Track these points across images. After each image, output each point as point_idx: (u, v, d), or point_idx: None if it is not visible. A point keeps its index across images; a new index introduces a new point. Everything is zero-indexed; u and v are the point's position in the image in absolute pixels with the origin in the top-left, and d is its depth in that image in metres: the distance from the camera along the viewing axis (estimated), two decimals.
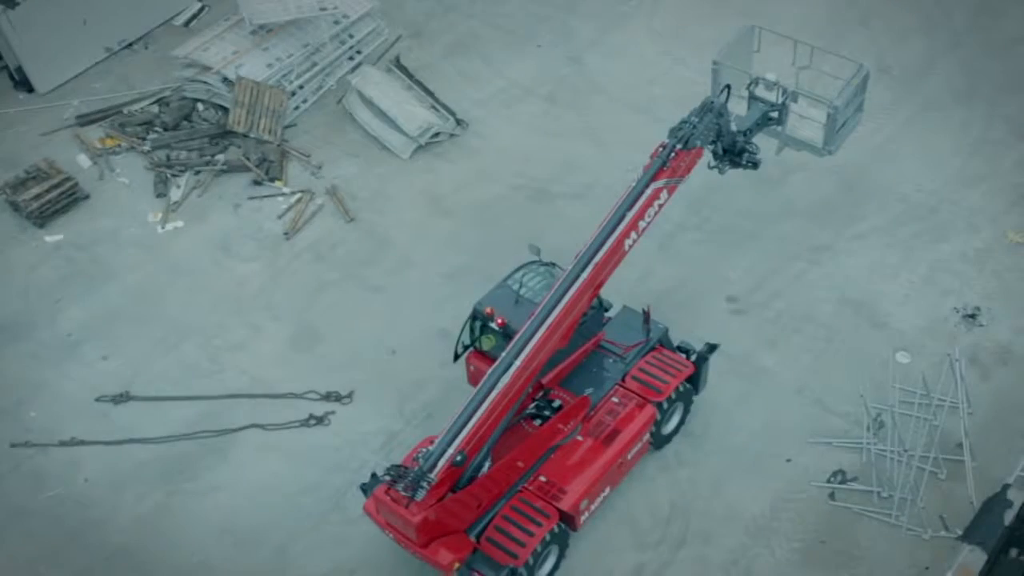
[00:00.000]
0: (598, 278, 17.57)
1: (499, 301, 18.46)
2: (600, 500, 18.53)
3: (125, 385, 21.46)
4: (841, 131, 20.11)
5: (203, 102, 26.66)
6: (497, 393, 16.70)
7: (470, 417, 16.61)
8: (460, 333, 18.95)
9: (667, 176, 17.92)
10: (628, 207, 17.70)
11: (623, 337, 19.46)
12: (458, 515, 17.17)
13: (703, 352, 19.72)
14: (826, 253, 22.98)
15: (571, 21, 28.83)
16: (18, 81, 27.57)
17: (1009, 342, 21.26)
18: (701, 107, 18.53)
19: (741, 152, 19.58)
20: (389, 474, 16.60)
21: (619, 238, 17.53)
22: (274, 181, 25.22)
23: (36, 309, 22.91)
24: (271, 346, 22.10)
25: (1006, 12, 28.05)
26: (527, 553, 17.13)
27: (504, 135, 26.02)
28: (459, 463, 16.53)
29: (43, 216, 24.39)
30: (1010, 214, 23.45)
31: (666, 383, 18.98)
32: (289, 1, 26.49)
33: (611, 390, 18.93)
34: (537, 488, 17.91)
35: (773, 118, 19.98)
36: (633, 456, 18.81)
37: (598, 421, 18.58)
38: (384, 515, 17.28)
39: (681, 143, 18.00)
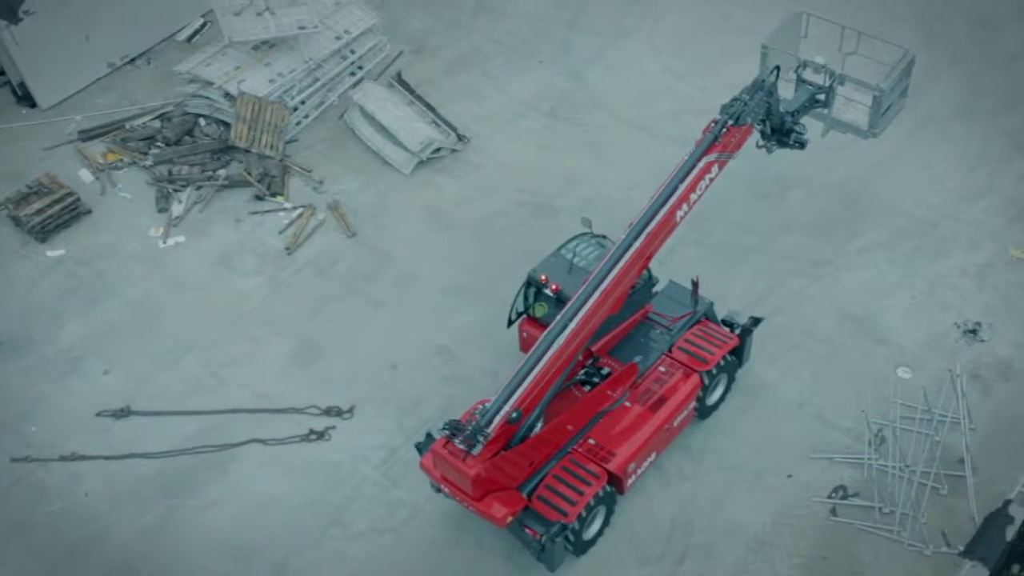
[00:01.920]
0: (649, 248, 18.28)
1: (553, 269, 19.16)
2: (647, 464, 19.17)
3: (126, 400, 21.46)
4: (886, 114, 20.62)
5: (205, 117, 26.73)
6: (551, 354, 17.36)
7: (525, 376, 17.25)
8: (514, 300, 19.60)
9: (718, 151, 18.68)
10: (680, 180, 18.42)
11: (670, 310, 20.16)
12: (511, 472, 17.75)
13: (748, 325, 20.30)
14: (827, 268, 22.99)
15: (572, 37, 28.92)
16: (21, 96, 27.65)
17: (1010, 357, 21.24)
18: (752, 85, 19.24)
19: (789, 132, 20.38)
20: (448, 429, 17.28)
21: (671, 210, 18.28)
22: (275, 196, 25.27)
23: (37, 324, 22.94)
24: (272, 361, 22.11)
25: (1006, 27, 28.12)
26: (576, 511, 17.79)
27: (505, 150, 26.08)
28: (514, 420, 17.18)
29: (45, 231, 24.44)
30: (1011, 229, 23.47)
31: (712, 354, 19.59)
32: (269, 19, 26.63)
33: (658, 360, 19.59)
34: (587, 450, 18.54)
35: (820, 100, 20.54)
36: (679, 423, 19.43)
37: (645, 389, 19.23)
38: (440, 469, 17.86)
39: (733, 119, 18.77)
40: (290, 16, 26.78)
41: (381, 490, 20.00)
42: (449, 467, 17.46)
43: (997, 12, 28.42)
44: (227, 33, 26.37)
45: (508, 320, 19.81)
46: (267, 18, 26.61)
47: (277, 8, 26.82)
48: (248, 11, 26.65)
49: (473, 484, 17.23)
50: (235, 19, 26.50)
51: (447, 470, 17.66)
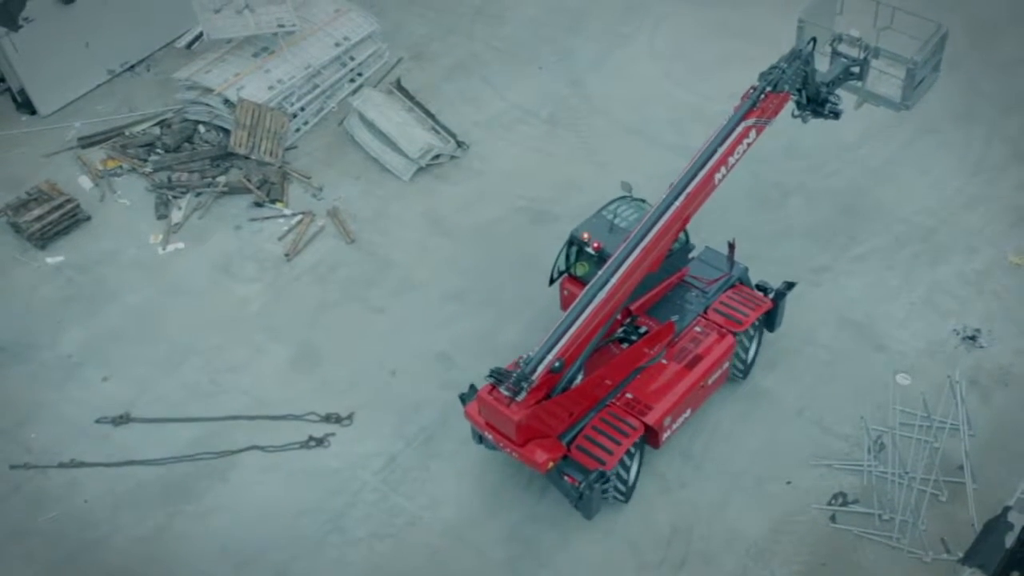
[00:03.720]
0: (688, 209, 18.85)
1: (594, 228, 19.91)
2: (681, 420, 19.77)
3: (126, 406, 21.46)
4: (919, 88, 21.00)
5: (205, 124, 26.76)
6: (592, 308, 18.04)
7: (568, 328, 17.91)
8: (556, 259, 20.32)
9: (756, 116, 19.27)
10: (720, 143, 19.02)
11: (706, 273, 20.90)
12: (552, 421, 18.45)
13: (781, 289, 20.85)
14: (826, 275, 23.00)
15: (572, 43, 28.95)
16: (21, 103, 27.67)
17: (1010, 364, 21.25)
18: (790, 54, 19.77)
19: (824, 102, 20.83)
20: (493, 376, 17.95)
21: (710, 171, 18.86)
22: (275, 203, 25.29)
23: (37, 330, 22.94)
24: (272, 367, 22.11)
25: (1005, 34, 28.15)
26: (614, 460, 18.46)
27: (505, 157, 26.09)
28: (557, 369, 17.82)
29: (44, 238, 24.45)
30: (1010, 236, 23.49)
31: (746, 316, 20.21)
32: (248, 17, 26.69)
33: (694, 320, 20.22)
34: (624, 404, 19.20)
35: (854, 73, 20.93)
36: (713, 382, 20.07)
37: (681, 348, 19.85)
38: (485, 415, 18.60)
39: (771, 86, 19.37)
40: (269, 14, 26.91)
41: (380, 496, 19.99)
42: (494, 413, 18.16)
43: (996, 18, 28.46)
44: (206, 30, 26.49)
45: (550, 279, 20.57)
46: (247, 16, 26.71)
47: (257, 6, 26.89)
48: (228, 8, 26.75)
49: (517, 429, 17.93)
50: (215, 16, 26.63)
51: (492, 416, 18.36)
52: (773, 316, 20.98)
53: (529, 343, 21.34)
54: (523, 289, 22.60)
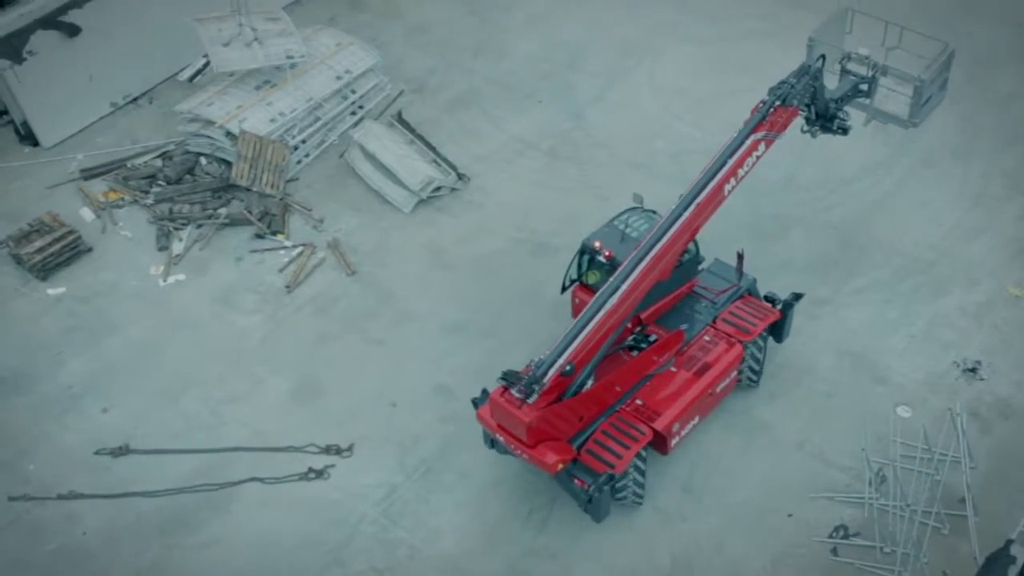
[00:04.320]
0: (698, 218, 19.17)
1: (606, 237, 20.32)
2: (690, 427, 20.07)
3: (125, 438, 21.41)
4: (926, 106, 21.28)
5: (206, 156, 26.88)
6: (603, 314, 18.36)
7: (579, 333, 18.26)
8: (568, 267, 20.75)
9: (765, 129, 19.59)
10: (729, 155, 19.32)
11: (715, 284, 21.36)
12: (563, 424, 18.76)
13: (789, 300, 21.25)
14: (826, 307, 23.04)
15: (572, 77, 29.14)
16: (23, 135, 27.79)
17: (1010, 396, 21.24)
18: (799, 70, 20.09)
19: (832, 118, 21.14)
20: (505, 378, 18.30)
21: (719, 183, 19.16)
22: (276, 234, 25.35)
23: (37, 361, 22.92)
24: (272, 399, 22.09)
25: (1002, 67, 28.36)
26: (623, 464, 18.75)
27: (505, 189, 26.19)
28: (567, 373, 18.19)
29: (46, 269, 24.49)
30: (1009, 268, 23.55)
31: (754, 325, 20.61)
32: (257, 50, 26.86)
33: (703, 330, 20.63)
34: (634, 410, 19.56)
35: (863, 90, 21.20)
36: (721, 390, 20.41)
37: (690, 356, 20.25)
38: (497, 417, 18.84)
39: (780, 100, 19.68)
40: (278, 46, 27.08)
41: (380, 529, 19.91)
42: (505, 415, 18.43)
43: (993, 53, 28.67)
44: (215, 63, 26.61)
45: (562, 287, 20.97)
46: (255, 48, 26.86)
47: (265, 39, 27.06)
48: (237, 41, 26.90)
49: (528, 431, 18.19)
50: (223, 50, 26.77)
51: (503, 418, 18.62)
52: (781, 327, 21.34)
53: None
54: (523, 321, 22.63)
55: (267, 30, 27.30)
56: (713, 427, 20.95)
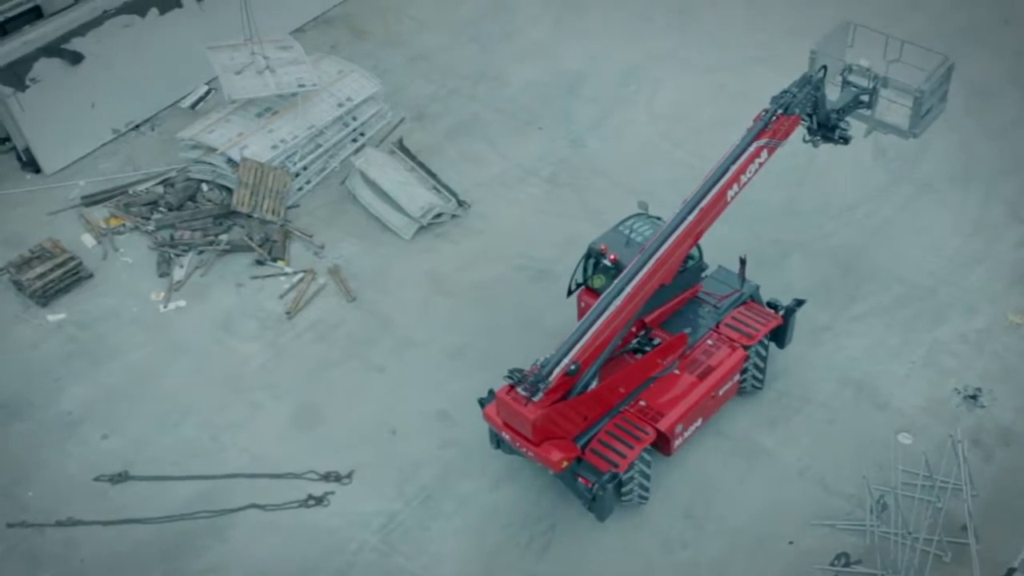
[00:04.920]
0: (701, 224, 19.54)
1: (611, 241, 20.72)
2: (693, 429, 20.42)
3: (124, 464, 21.36)
4: (926, 117, 21.55)
5: (208, 183, 26.95)
6: (608, 315, 18.74)
7: (584, 333, 18.65)
8: (574, 271, 21.09)
9: (768, 136, 19.93)
10: (732, 161, 19.70)
11: (718, 291, 21.78)
12: (567, 423, 19.10)
13: (791, 306, 21.67)
14: (826, 334, 23.04)
15: (572, 105, 29.26)
16: (25, 162, 27.86)
17: (1011, 423, 21.21)
18: (800, 80, 20.45)
19: (833, 128, 21.46)
20: (512, 377, 18.64)
21: (722, 188, 19.52)
22: (276, 261, 25.39)
23: (37, 387, 22.90)
24: (272, 425, 22.05)
25: (1000, 96, 28.49)
26: (627, 463, 19.10)
27: (505, 216, 26.25)
28: (572, 372, 18.53)
29: (46, 295, 24.51)
30: (1009, 295, 23.57)
31: (756, 331, 21.04)
32: (269, 78, 26.97)
33: (706, 334, 21.05)
34: (637, 411, 19.94)
35: (864, 101, 21.49)
36: (724, 393, 20.81)
37: (694, 359, 20.67)
38: (503, 415, 19.20)
39: (782, 108, 20.05)
40: (289, 74, 27.17)
41: (380, 556, 19.83)
42: (511, 412, 18.77)
43: (990, 81, 28.82)
44: (228, 91, 26.70)
45: (567, 290, 21.34)
46: (267, 76, 26.96)
47: (277, 67, 27.17)
48: (249, 70, 27.01)
49: (533, 428, 18.51)
50: (236, 78, 26.87)
51: (509, 415, 18.95)
52: (783, 332, 21.70)
53: None
54: (523, 347, 22.56)
55: (279, 58, 27.41)
56: (714, 453, 20.92)
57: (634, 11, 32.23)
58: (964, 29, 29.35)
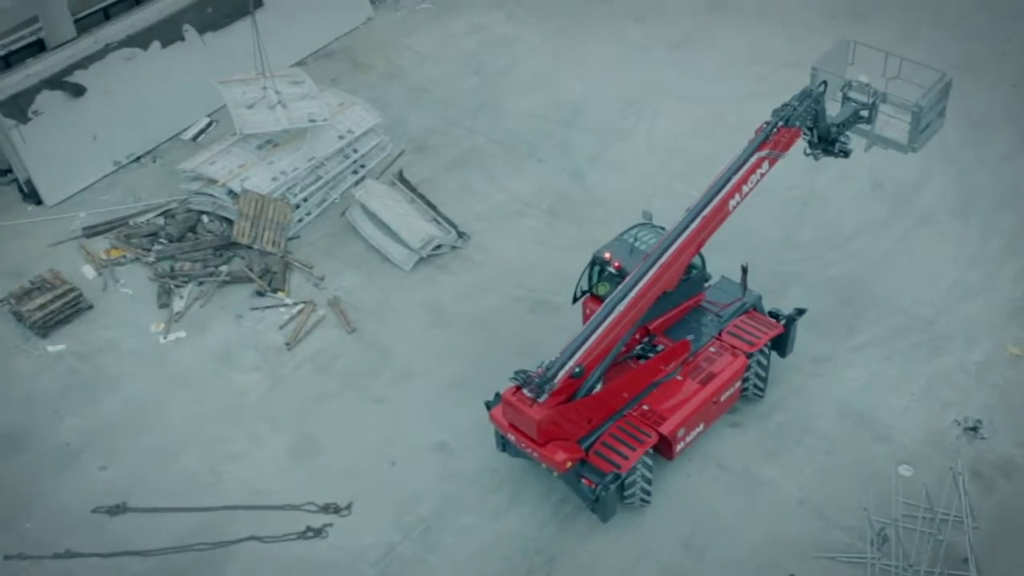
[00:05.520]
0: (703, 231, 20.01)
1: (616, 249, 21.24)
2: (695, 434, 20.83)
3: (123, 496, 21.29)
4: (924, 132, 21.92)
5: (208, 214, 27.03)
6: (612, 319, 19.21)
7: (589, 337, 19.13)
8: (579, 279, 21.57)
9: (769, 148, 20.39)
10: (734, 172, 20.15)
11: (721, 300, 22.28)
12: (571, 426, 19.54)
13: (792, 315, 22.11)
14: (826, 365, 23.03)
15: (571, 137, 29.40)
16: (27, 193, 27.95)
17: (1012, 455, 21.17)
18: (801, 94, 20.87)
19: (834, 141, 21.81)
20: (517, 378, 19.08)
21: (724, 198, 19.98)
22: (276, 292, 25.43)
23: (36, 418, 22.87)
24: (271, 457, 22.00)
25: (997, 128, 28.63)
26: (629, 464, 19.51)
27: (505, 247, 26.31)
28: (577, 375, 19.02)
29: (46, 326, 24.52)
30: (1008, 327, 23.58)
31: (758, 338, 21.48)
32: (280, 112, 27.07)
33: (709, 342, 21.49)
34: (640, 415, 20.35)
35: (863, 116, 21.84)
36: (726, 399, 21.21)
37: (696, 365, 21.12)
38: (509, 417, 19.65)
39: (783, 121, 20.47)
40: (301, 109, 27.26)
41: None
42: (517, 413, 19.22)
43: (988, 115, 28.98)
44: (239, 126, 26.74)
45: (573, 298, 21.81)
46: (278, 111, 27.04)
47: (289, 101, 27.27)
48: (260, 104, 27.09)
49: (538, 429, 18.96)
50: (247, 112, 26.93)
51: (515, 417, 19.41)
52: (784, 341, 22.10)
53: None
54: None
55: (290, 93, 27.53)
56: (715, 485, 20.86)
57: (633, 43, 32.46)
58: (961, 61, 29.51)
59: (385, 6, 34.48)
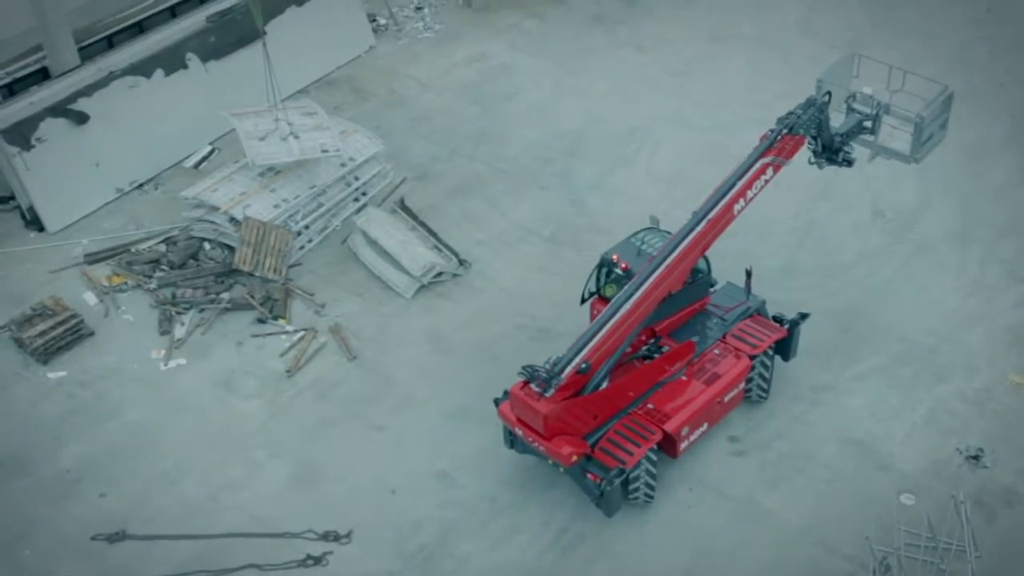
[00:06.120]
0: (708, 234, 20.53)
1: (624, 251, 21.85)
2: (699, 433, 21.31)
3: (122, 523, 21.21)
4: (927, 144, 22.22)
5: (210, 241, 27.08)
6: (619, 317, 19.75)
7: (595, 334, 19.67)
8: (587, 280, 22.11)
9: (773, 155, 20.85)
10: (738, 177, 20.66)
11: (725, 303, 22.82)
12: (578, 420, 19.98)
13: (795, 319, 22.63)
14: (827, 393, 23.01)
15: (573, 164, 29.50)
16: (29, 220, 28.00)
17: (1014, 484, 21.11)
18: (806, 102, 21.27)
19: (838, 151, 22.14)
20: (525, 373, 19.63)
21: (729, 202, 20.55)
22: (277, 319, 25.44)
23: (36, 445, 22.81)
24: (271, 484, 21.94)
25: (997, 157, 28.74)
26: (634, 460, 19.94)
27: (506, 275, 26.35)
28: (583, 371, 19.51)
29: (47, 353, 24.52)
30: (1009, 355, 23.57)
31: (761, 341, 22.03)
32: (292, 144, 27.16)
33: (714, 344, 21.97)
34: (645, 413, 20.82)
35: (867, 127, 22.35)
36: (729, 400, 21.69)
37: (701, 367, 21.61)
38: (516, 411, 20.15)
39: (787, 129, 20.86)
40: (313, 140, 27.32)
41: None
42: (524, 407, 19.73)
43: (988, 143, 29.10)
44: (251, 158, 26.76)
45: (581, 299, 22.35)
46: (291, 143, 27.10)
47: (301, 133, 27.34)
48: (273, 136, 27.16)
49: (544, 423, 19.44)
50: (260, 144, 26.98)
51: (522, 411, 19.90)
52: (788, 345, 22.61)
53: (531, 462, 21.33)
54: None
55: (303, 124, 27.58)
56: (716, 514, 20.80)
57: (634, 72, 32.63)
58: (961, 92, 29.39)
59: (387, 35, 34.69)
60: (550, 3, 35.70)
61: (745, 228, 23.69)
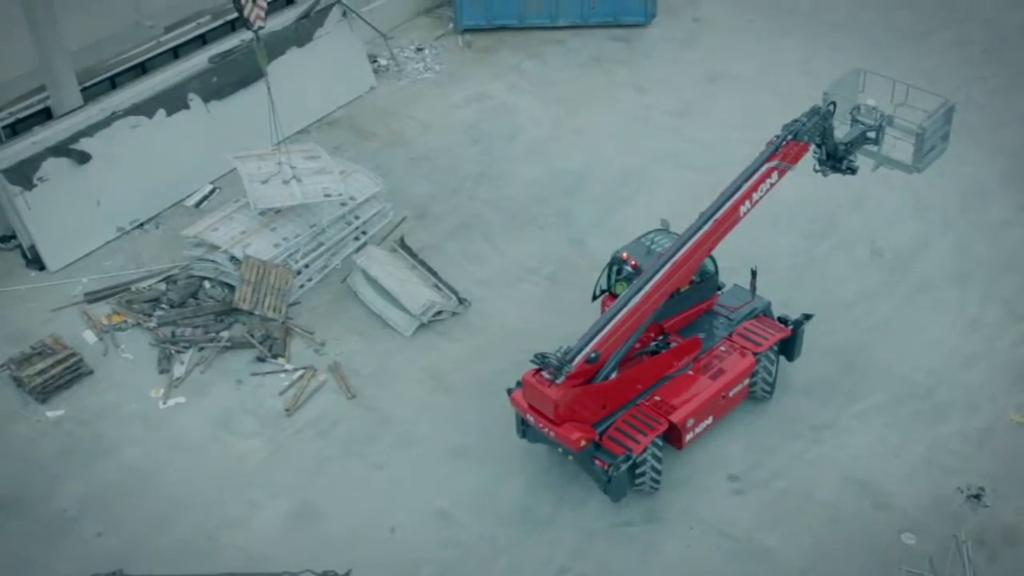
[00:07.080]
0: (715, 233, 21.37)
1: (634, 250, 22.89)
2: (703, 426, 22.10)
3: (119, 563, 21.06)
4: (929, 154, 22.93)
5: (210, 280, 27.12)
6: (628, 309, 20.67)
7: (605, 325, 20.55)
8: (599, 278, 23.30)
9: (778, 159, 21.61)
10: (745, 179, 21.51)
11: (732, 303, 23.78)
12: (587, 409, 20.89)
13: (799, 320, 23.47)
14: (827, 432, 22.96)
15: (572, 204, 29.61)
16: (30, 259, 28.05)
17: (1015, 523, 21.01)
18: (810, 111, 22.03)
19: (841, 159, 22.81)
20: (537, 360, 20.56)
21: (735, 203, 21.38)
22: (277, 358, 25.43)
23: (33, 484, 22.72)
24: (269, 523, 21.84)
25: (996, 196, 28.85)
26: (641, 447, 20.79)
27: (506, 313, 26.37)
28: (593, 360, 20.44)
29: (46, 391, 24.49)
30: (1010, 394, 23.54)
31: (766, 339, 22.88)
32: (295, 187, 27.24)
33: (720, 342, 22.88)
34: (652, 404, 21.74)
35: (871, 138, 22.94)
36: (734, 395, 22.53)
37: (707, 362, 22.52)
38: (528, 397, 21.07)
39: (792, 135, 21.62)
40: (316, 184, 27.38)
41: None
42: (536, 394, 20.64)
43: (986, 181, 29.23)
44: (254, 201, 26.79)
45: (592, 296, 23.50)
46: (294, 186, 27.17)
47: (304, 176, 27.43)
48: (275, 179, 27.25)
49: (555, 408, 20.34)
50: (262, 187, 27.04)
51: (534, 397, 20.81)
52: (792, 345, 23.46)
53: (531, 501, 21.28)
54: (524, 445, 22.53)
55: (306, 168, 27.65)
56: (716, 554, 20.69)
57: (633, 113, 32.86)
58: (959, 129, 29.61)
59: (388, 76, 34.96)
60: (550, 44, 36.02)
61: (745, 263, 23.78)
